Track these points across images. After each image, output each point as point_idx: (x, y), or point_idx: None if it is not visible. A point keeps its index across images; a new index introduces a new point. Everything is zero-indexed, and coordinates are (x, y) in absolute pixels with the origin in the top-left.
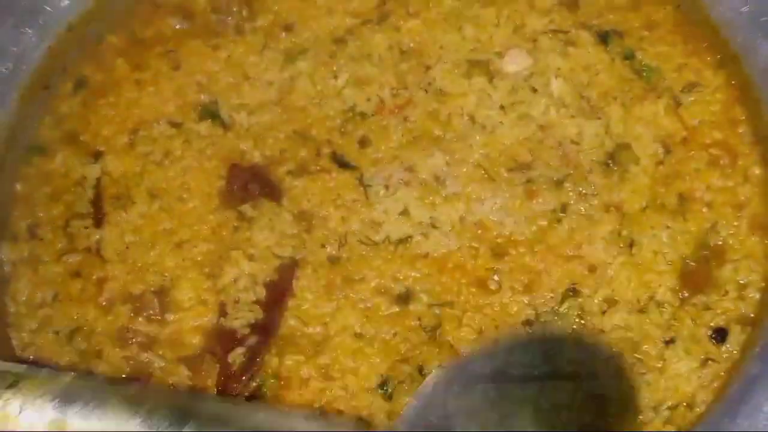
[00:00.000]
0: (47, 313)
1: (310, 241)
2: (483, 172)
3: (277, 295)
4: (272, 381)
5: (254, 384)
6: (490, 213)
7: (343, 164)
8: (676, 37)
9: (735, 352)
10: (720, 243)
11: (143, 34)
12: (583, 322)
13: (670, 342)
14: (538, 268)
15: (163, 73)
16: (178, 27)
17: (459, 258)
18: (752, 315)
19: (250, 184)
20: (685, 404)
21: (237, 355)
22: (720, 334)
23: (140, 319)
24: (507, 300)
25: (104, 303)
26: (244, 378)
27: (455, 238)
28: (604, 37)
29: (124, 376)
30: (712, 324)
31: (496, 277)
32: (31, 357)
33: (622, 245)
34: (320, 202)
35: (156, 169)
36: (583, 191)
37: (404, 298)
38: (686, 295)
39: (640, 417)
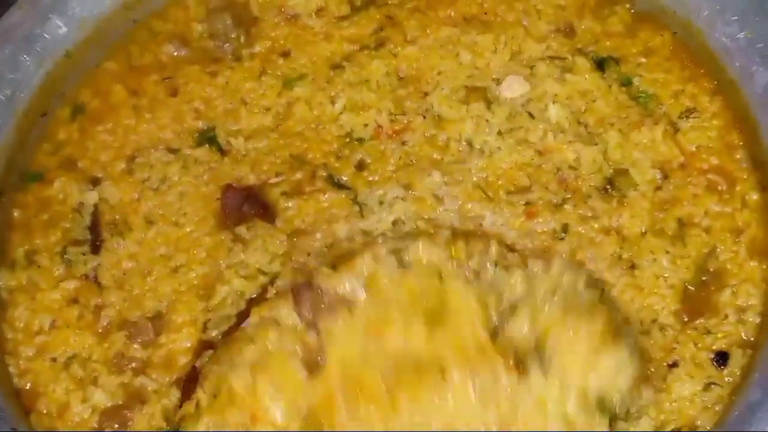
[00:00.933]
0: (44, 340)
1: (296, 253)
2: (482, 192)
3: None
4: None
5: None
6: (491, 228)
7: (338, 185)
8: (673, 63)
9: (737, 375)
10: (719, 268)
11: (140, 61)
12: None
13: (673, 365)
14: None
15: (160, 100)
16: (175, 54)
17: None
18: (752, 339)
19: (244, 206)
20: (687, 428)
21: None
22: (722, 358)
23: (135, 345)
24: None
25: (101, 330)
26: None
27: None
28: (601, 64)
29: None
30: (713, 348)
31: None
32: (28, 385)
33: (624, 267)
34: (314, 221)
35: (153, 195)
36: (583, 214)
37: None
38: (687, 319)
39: None
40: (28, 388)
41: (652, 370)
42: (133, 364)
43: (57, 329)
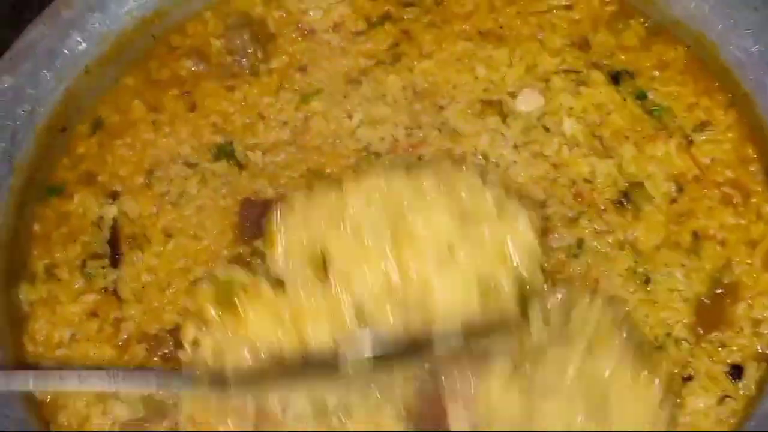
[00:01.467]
0: (65, 354)
1: None
2: None
3: None
4: None
5: None
6: None
7: None
8: (687, 76)
9: (752, 388)
10: (734, 280)
11: (159, 76)
12: None
13: (688, 379)
14: None
15: (179, 115)
16: (193, 69)
17: None
18: None
19: (262, 219)
20: None
21: None
22: (736, 371)
23: (155, 358)
24: None
25: (120, 343)
26: None
27: None
28: (615, 77)
29: None
30: (728, 361)
31: None
32: (49, 397)
33: (638, 282)
34: None
35: (171, 209)
36: (598, 228)
37: None
38: (702, 332)
39: None
40: (48, 400)
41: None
42: None
43: (77, 342)
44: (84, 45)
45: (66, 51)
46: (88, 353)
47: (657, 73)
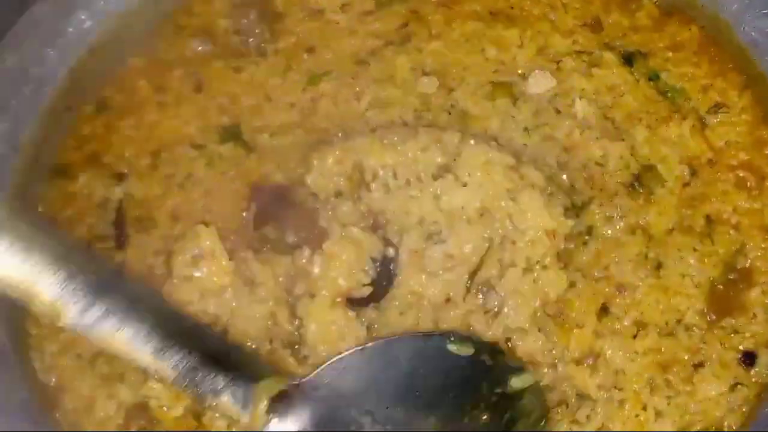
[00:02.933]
0: (69, 337)
1: None
2: None
3: None
4: None
5: None
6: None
7: None
8: (701, 57)
9: (764, 375)
10: (748, 266)
11: (165, 56)
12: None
13: (699, 366)
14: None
15: (185, 96)
16: (200, 49)
17: None
18: None
19: (270, 206)
20: (714, 428)
21: None
22: (749, 358)
23: None
24: None
25: None
26: None
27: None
28: (628, 58)
29: None
30: (740, 348)
31: None
32: (53, 380)
33: (649, 267)
34: None
35: (178, 191)
36: (609, 214)
37: None
38: (714, 318)
39: None
40: (53, 383)
41: (676, 370)
42: None
43: None
44: (89, 23)
45: (71, 29)
46: None
47: (670, 54)
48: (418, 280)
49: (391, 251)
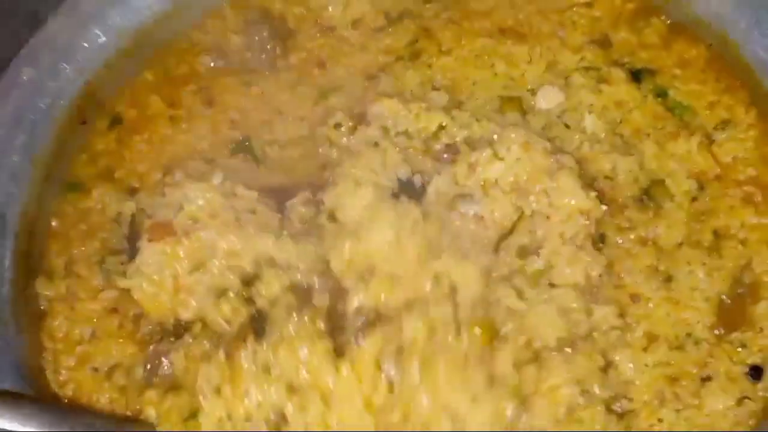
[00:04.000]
0: (85, 350)
1: None
2: None
3: None
4: None
5: None
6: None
7: None
8: (708, 75)
9: None
10: (755, 280)
11: (178, 72)
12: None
13: (707, 379)
14: None
15: (196, 111)
16: (212, 65)
17: None
18: None
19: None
20: None
21: None
22: (756, 372)
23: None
24: None
25: (141, 339)
26: None
27: None
28: (636, 75)
29: None
30: (748, 361)
31: None
32: (70, 393)
33: (660, 280)
34: None
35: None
36: (620, 224)
37: None
38: (722, 332)
39: None
40: (70, 396)
41: (684, 384)
42: None
43: (97, 339)
44: (103, 38)
45: (85, 44)
46: (109, 350)
47: (678, 71)
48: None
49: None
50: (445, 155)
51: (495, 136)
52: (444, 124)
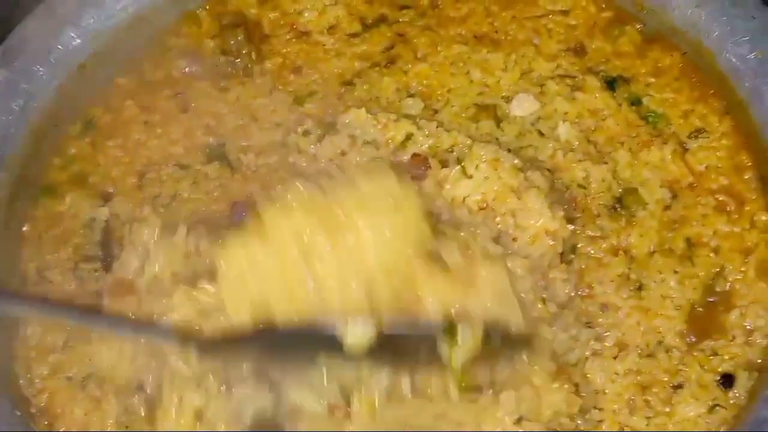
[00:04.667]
0: (59, 359)
1: None
2: None
3: None
4: None
5: None
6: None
7: None
8: (682, 83)
9: (742, 398)
10: (727, 288)
11: (152, 77)
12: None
13: (678, 387)
14: None
15: (171, 116)
16: (187, 69)
17: None
18: (759, 361)
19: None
20: None
21: None
22: (727, 380)
23: None
24: None
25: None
26: None
27: None
28: (611, 83)
29: None
30: (719, 369)
31: None
32: (43, 403)
33: (631, 288)
34: None
35: (164, 211)
36: (592, 234)
37: None
38: (694, 339)
39: None
40: (43, 406)
41: (656, 391)
42: None
43: (71, 347)
44: (78, 41)
45: (60, 47)
46: (83, 359)
47: (652, 79)
48: None
49: None
50: (415, 171)
51: (465, 150)
52: (411, 133)
